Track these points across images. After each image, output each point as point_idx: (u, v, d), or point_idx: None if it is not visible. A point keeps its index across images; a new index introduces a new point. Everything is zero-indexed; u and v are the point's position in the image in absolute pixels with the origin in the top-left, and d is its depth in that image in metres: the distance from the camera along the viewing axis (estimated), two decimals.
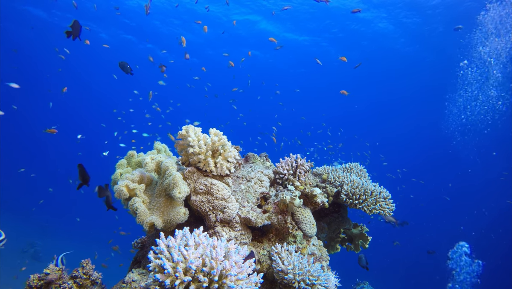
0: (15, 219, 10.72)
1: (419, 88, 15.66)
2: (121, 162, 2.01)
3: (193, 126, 1.75)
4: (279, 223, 1.74)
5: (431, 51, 12.56)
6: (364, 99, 18.26)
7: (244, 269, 1.16)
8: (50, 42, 13.34)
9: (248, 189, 1.82)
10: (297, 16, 11.28)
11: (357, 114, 20.56)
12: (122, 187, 1.62)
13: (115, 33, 13.45)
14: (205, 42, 14.00)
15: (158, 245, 1.16)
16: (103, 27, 12.94)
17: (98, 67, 16.72)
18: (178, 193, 1.55)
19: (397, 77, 15.14)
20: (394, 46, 12.62)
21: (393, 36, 11.87)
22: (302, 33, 12.57)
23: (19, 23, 12.44)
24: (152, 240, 1.82)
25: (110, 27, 13.04)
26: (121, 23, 12.62)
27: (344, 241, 2.40)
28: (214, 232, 1.62)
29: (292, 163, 1.97)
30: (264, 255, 1.68)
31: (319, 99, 19.29)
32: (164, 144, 2.26)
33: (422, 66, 13.77)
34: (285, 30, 12.51)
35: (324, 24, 11.64)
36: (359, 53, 13.07)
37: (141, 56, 14.48)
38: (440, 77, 13.49)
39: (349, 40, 12.36)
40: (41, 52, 15.16)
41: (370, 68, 14.30)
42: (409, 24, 10.91)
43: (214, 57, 15.07)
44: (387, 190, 2.07)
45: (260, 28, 12.44)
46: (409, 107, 18.21)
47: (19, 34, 13.35)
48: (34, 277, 1.34)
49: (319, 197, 1.87)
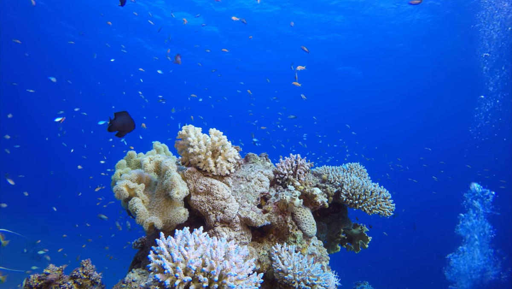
0: (15, 219, 10.72)
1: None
2: (120, 162, 2.01)
3: (193, 126, 1.75)
4: (279, 223, 1.74)
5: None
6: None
7: (244, 269, 1.16)
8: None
9: (248, 189, 1.82)
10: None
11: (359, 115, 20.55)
12: (122, 187, 1.61)
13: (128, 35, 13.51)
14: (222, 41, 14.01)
15: (158, 245, 1.16)
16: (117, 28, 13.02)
17: (108, 68, 16.78)
18: (176, 193, 1.55)
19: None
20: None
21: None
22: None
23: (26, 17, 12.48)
24: (152, 240, 1.82)
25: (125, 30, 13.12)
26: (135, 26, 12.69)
27: (344, 241, 2.40)
28: (214, 232, 1.62)
29: (292, 163, 1.97)
30: (264, 255, 1.67)
31: (319, 98, 19.30)
32: (164, 144, 2.26)
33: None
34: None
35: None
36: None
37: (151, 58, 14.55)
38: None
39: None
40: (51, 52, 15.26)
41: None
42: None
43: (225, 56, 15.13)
44: (387, 190, 2.07)
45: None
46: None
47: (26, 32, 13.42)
48: (34, 277, 1.34)
49: (319, 197, 1.87)
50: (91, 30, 13.09)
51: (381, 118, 20.70)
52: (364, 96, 18.29)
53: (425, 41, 11.99)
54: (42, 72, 17.12)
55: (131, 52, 14.68)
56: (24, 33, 13.70)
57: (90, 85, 18.29)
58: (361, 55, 13.73)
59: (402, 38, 12.08)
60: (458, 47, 11.84)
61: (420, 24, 10.91)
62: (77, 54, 15.54)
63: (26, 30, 13.30)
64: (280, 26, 12.27)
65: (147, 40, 14.09)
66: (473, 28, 9.93)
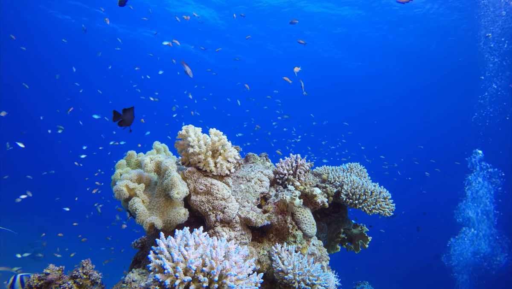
0: (15, 219, 10.72)
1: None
2: (120, 162, 2.01)
3: (193, 126, 1.75)
4: (279, 223, 1.74)
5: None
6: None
7: (244, 269, 1.16)
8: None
9: (248, 189, 1.82)
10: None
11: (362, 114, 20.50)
12: (122, 187, 1.61)
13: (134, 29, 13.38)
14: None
15: (158, 245, 1.16)
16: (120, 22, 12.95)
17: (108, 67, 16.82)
18: (176, 193, 1.55)
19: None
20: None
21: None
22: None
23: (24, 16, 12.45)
24: (152, 240, 1.82)
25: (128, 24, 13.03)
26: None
27: (344, 241, 2.40)
28: (214, 232, 1.62)
29: (292, 163, 1.97)
30: (264, 255, 1.67)
31: (320, 99, 19.29)
32: (164, 144, 2.26)
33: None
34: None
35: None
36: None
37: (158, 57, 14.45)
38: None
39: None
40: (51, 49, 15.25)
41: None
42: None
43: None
44: (387, 190, 2.07)
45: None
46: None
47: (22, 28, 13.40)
48: (34, 277, 1.34)
49: (319, 197, 1.87)
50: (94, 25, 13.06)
51: (382, 117, 20.69)
52: (369, 93, 18.16)
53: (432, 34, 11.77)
54: (42, 71, 17.13)
55: (136, 49, 14.59)
56: (24, 33, 13.71)
57: (90, 84, 18.29)
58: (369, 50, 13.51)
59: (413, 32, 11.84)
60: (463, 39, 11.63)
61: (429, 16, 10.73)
62: (77, 53, 15.54)
63: (25, 26, 13.27)
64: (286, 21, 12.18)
65: (152, 35, 13.95)
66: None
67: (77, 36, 13.51)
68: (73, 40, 13.78)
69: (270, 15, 11.77)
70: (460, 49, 12.34)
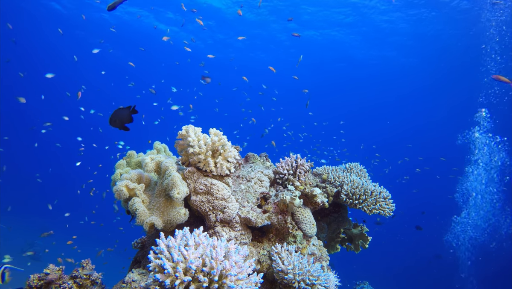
0: (15, 219, 10.72)
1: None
2: (120, 162, 2.00)
3: (193, 126, 1.75)
4: (279, 223, 1.74)
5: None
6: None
7: (244, 269, 1.16)
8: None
9: (248, 189, 1.82)
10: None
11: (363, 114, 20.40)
12: (122, 187, 1.61)
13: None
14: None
15: (158, 245, 1.16)
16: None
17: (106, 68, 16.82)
18: (177, 193, 1.55)
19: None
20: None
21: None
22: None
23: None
24: (152, 240, 1.82)
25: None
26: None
27: (344, 241, 2.40)
28: (214, 232, 1.62)
29: (292, 163, 1.97)
30: (264, 255, 1.67)
31: (320, 98, 19.25)
32: (164, 144, 2.26)
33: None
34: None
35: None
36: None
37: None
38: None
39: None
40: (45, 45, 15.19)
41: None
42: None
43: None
44: (387, 190, 2.07)
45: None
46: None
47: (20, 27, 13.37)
48: (34, 277, 1.34)
49: (319, 197, 1.87)
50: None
51: (384, 116, 20.62)
52: (369, 93, 18.08)
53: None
54: (42, 70, 17.10)
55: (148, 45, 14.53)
56: (23, 31, 13.68)
57: (90, 82, 18.26)
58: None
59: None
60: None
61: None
62: (78, 51, 15.50)
63: (21, 16, 13.19)
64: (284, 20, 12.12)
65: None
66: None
67: (81, 27, 13.37)
68: (79, 30, 13.63)
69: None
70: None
